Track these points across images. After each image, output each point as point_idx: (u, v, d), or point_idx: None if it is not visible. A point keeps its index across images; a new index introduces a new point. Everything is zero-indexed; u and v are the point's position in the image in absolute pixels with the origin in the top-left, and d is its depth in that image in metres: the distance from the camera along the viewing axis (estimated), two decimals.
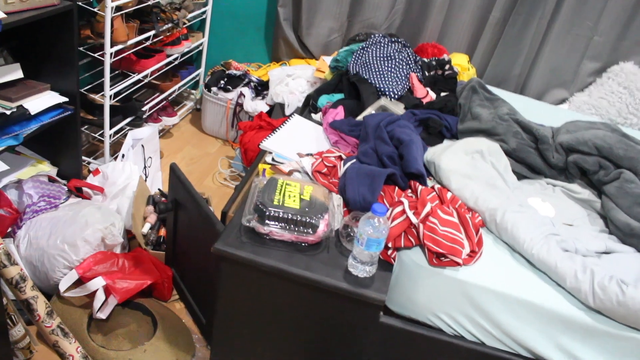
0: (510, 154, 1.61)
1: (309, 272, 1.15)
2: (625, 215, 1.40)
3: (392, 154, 1.46)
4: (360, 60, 2.08)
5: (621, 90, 2.40)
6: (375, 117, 1.62)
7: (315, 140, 1.70)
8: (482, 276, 1.20)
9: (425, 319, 1.25)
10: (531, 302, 1.16)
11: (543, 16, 2.43)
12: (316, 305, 1.21)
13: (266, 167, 1.50)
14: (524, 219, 1.30)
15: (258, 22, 2.83)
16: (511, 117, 1.71)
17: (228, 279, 1.24)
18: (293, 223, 1.18)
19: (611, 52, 2.49)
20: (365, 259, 1.14)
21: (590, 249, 1.29)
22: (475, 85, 1.90)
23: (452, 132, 1.78)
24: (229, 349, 1.35)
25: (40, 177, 1.89)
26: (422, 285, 1.22)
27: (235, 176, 2.51)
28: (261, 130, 2.17)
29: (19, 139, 1.67)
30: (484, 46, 2.56)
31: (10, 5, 1.51)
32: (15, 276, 1.29)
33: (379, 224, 1.10)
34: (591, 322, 1.14)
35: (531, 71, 2.58)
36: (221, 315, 1.30)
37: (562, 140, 1.60)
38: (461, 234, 1.23)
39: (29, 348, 1.49)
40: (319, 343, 1.27)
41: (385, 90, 1.94)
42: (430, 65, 2.21)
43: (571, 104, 2.54)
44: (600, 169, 1.55)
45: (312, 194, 1.25)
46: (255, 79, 2.68)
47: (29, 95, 1.70)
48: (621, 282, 1.13)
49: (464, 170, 1.44)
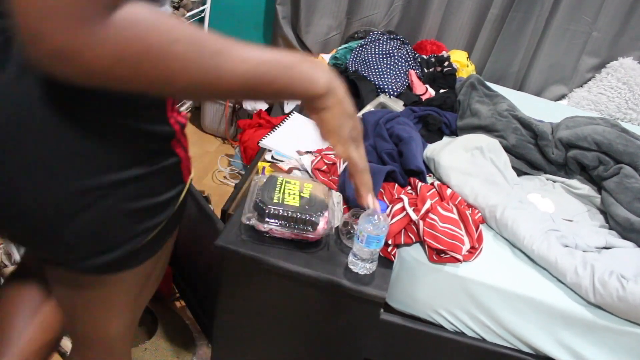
0: (510, 150, 1.61)
1: (309, 269, 1.15)
2: (625, 211, 1.40)
3: (392, 151, 1.46)
4: (359, 57, 2.08)
5: (620, 86, 2.40)
6: (374, 115, 1.62)
7: (315, 137, 1.70)
8: (482, 272, 1.20)
9: (426, 316, 1.25)
10: (531, 298, 1.17)
11: (541, 12, 2.43)
12: (316, 302, 1.21)
13: (266, 165, 1.50)
14: (524, 215, 1.30)
15: (256, 20, 2.82)
16: (510, 113, 1.71)
17: (228, 277, 1.24)
18: (293, 221, 1.18)
19: (610, 47, 2.48)
20: (365, 256, 1.14)
21: (590, 245, 1.29)
22: (474, 82, 1.90)
23: (452, 128, 1.78)
24: (230, 346, 1.36)
25: None
26: (423, 282, 1.22)
27: (235, 174, 2.51)
28: (260, 128, 2.17)
29: None
30: (483, 43, 2.56)
31: None
32: None
33: (378, 221, 1.10)
34: (591, 318, 1.14)
35: (530, 67, 2.58)
36: (222, 313, 1.30)
37: (562, 136, 1.60)
38: (461, 231, 1.23)
39: None
40: (320, 340, 1.27)
41: (385, 87, 1.94)
42: (429, 62, 2.21)
43: (570, 100, 2.54)
44: (599, 164, 1.55)
45: (312, 192, 1.25)
46: None
47: None
48: (621, 277, 1.13)
49: (464, 166, 1.44)
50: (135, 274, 0.77)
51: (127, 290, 0.80)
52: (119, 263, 0.71)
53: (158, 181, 0.70)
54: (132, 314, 0.88)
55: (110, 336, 0.87)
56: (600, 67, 2.54)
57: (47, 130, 0.60)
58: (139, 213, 0.69)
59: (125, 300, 0.82)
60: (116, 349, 0.91)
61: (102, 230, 0.66)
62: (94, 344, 0.89)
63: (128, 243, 0.69)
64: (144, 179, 0.67)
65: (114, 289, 0.78)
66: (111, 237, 0.68)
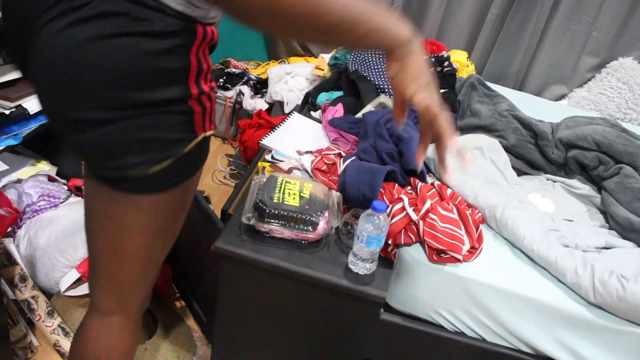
0: (510, 150, 1.61)
1: (309, 269, 1.15)
2: (625, 211, 1.40)
3: (392, 151, 1.46)
4: (359, 57, 2.08)
5: (620, 86, 2.40)
6: (374, 115, 1.61)
7: (315, 137, 1.70)
8: (482, 272, 1.20)
9: (426, 316, 1.25)
10: (531, 298, 1.17)
11: (541, 12, 2.43)
12: (316, 302, 1.21)
13: (266, 165, 1.50)
14: (524, 215, 1.30)
15: None
16: (510, 113, 1.71)
17: (228, 277, 1.24)
18: (293, 221, 1.18)
19: (610, 47, 2.49)
20: (365, 256, 1.14)
21: (590, 245, 1.29)
22: (474, 82, 1.90)
23: None
24: (230, 347, 1.36)
25: (40, 176, 1.89)
26: (423, 282, 1.22)
27: (235, 174, 2.51)
28: (260, 128, 2.17)
29: (19, 138, 1.67)
30: (483, 43, 2.56)
31: None
32: (16, 276, 1.30)
33: (379, 221, 1.10)
34: (591, 318, 1.14)
35: (530, 67, 2.58)
36: (222, 313, 1.30)
37: (562, 135, 1.60)
38: (461, 231, 1.23)
39: (30, 348, 1.49)
40: (320, 340, 1.27)
41: (385, 87, 1.94)
42: (429, 62, 2.21)
43: (570, 100, 2.55)
44: (599, 164, 1.55)
45: (312, 192, 1.25)
46: (254, 77, 2.68)
47: (28, 94, 1.70)
48: (621, 277, 1.13)
49: (464, 166, 1.44)
50: (144, 203, 0.85)
51: (139, 217, 0.87)
52: (124, 182, 0.81)
53: (169, 121, 0.77)
54: (145, 251, 0.93)
55: (125, 268, 0.94)
56: (600, 67, 2.54)
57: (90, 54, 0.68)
58: (146, 142, 0.76)
59: (139, 227, 0.88)
60: (131, 288, 0.98)
61: (113, 146, 0.75)
62: (111, 280, 0.96)
63: (135, 167, 0.78)
64: (160, 112, 0.75)
65: (126, 209, 0.85)
66: (119, 155, 0.76)
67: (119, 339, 1.02)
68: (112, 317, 0.99)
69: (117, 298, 0.98)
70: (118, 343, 1.02)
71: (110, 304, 0.99)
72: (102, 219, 0.89)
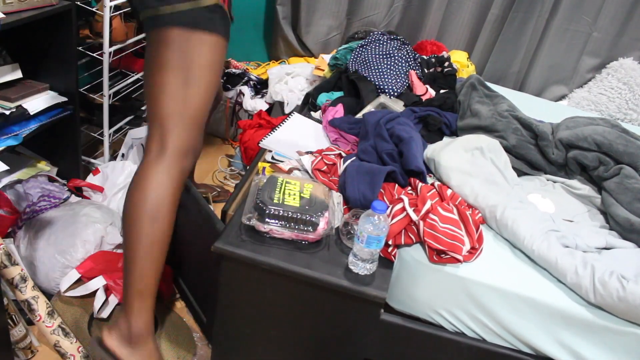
0: (510, 151, 1.61)
1: (310, 270, 1.15)
2: (625, 211, 1.40)
3: (392, 152, 1.46)
4: (359, 58, 2.08)
5: (620, 86, 2.40)
6: (374, 115, 1.62)
7: (315, 138, 1.70)
8: (482, 273, 1.20)
9: (426, 316, 1.25)
10: (532, 298, 1.17)
11: (542, 13, 2.43)
12: (317, 303, 1.21)
13: (266, 166, 1.50)
14: (524, 215, 1.30)
15: (257, 20, 2.82)
16: (511, 113, 1.71)
17: (228, 277, 1.24)
18: (293, 221, 1.18)
19: (610, 48, 2.49)
20: (365, 256, 1.14)
21: (590, 245, 1.29)
22: (474, 82, 1.90)
23: (452, 129, 1.78)
24: (230, 347, 1.36)
25: (40, 177, 1.89)
26: (423, 282, 1.22)
27: (235, 175, 2.51)
28: (261, 128, 2.17)
29: (19, 139, 1.67)
30: (483, 43, 2.56)
31: (8, 6, 1.50)
32: (16, 276, 1.29)
33: (379, 221, 1.10)
34: (592, 318, 1.14)
35: (530, 68, 2.58)
36: (222, 313, 1.30)
37: (562, 136, 1.60)
38: (461, 231, 1.23)
39: (30, 348, 1.49)
40: (320, 340, 1.27)
41: (385, 87, 1.94)
42: (430, 63, 2.21)
43: (570, 100, 2.55)
44: (600, 164, 1.55)
45: (312, 192, 1.25)
46: (254, 77, 2.68)
47: (28, 95, 1.70)
48: (622, 277, 1.13)
49: (464, 167, 1.44)
50: (172, 35, 1.15)
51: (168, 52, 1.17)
52: (158, 19, 1.15)
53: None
54: (176, 88, 1.19)
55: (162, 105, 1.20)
56: (600, 67, 2.54)
57: None
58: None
59: (169, 62, 1.17)
60: (169, 128, 1.21)
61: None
62: (154, 118, 1.23)
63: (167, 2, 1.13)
64: None
65: (159, 45, 1.17)
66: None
67: (167, 178, 1.22)
68: (158, 159, 1.21)
69: (159, 136, 1.21)
70: (166, 183, 1.22)
71: (156, 144, 1.22)
72: (147, 62, 1.20)
